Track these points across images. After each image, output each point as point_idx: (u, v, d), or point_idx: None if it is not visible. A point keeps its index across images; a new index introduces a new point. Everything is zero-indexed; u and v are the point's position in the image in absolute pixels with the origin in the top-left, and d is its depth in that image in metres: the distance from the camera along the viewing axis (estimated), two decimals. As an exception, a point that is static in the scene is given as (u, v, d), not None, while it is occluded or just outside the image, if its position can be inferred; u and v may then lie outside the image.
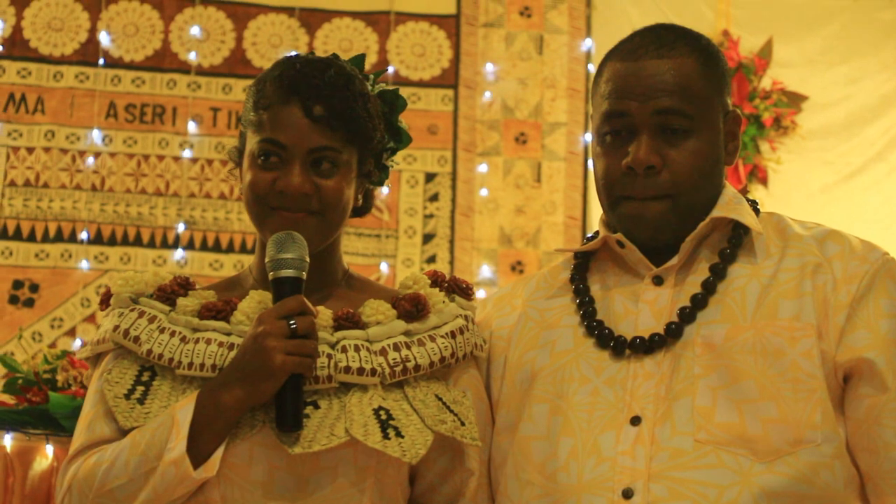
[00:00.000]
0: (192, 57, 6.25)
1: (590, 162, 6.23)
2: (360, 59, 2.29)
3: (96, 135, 6.11)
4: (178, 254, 6.07)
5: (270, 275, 2.07)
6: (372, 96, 2.22)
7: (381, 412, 2.04)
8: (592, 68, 6.30)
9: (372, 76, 2.28)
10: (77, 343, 5.84)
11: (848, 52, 6.48)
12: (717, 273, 2.13)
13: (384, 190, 6.06)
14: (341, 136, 2.13)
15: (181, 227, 6.08)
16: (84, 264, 6.01)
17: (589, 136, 6.17)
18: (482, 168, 6.26)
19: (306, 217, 2.12)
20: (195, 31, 6.26)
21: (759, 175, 6.36)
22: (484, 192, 6.26)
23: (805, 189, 6.34)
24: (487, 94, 6.33)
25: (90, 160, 6.10)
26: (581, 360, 2.15)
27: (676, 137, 2.12)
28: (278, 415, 2.01)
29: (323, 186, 2.12)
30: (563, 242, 6.13)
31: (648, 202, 2.12)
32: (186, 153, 6.16)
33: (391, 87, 2.30)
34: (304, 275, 2.07)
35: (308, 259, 2.08)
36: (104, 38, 6.21)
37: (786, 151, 6.41)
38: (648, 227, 2.13)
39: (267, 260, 2.07)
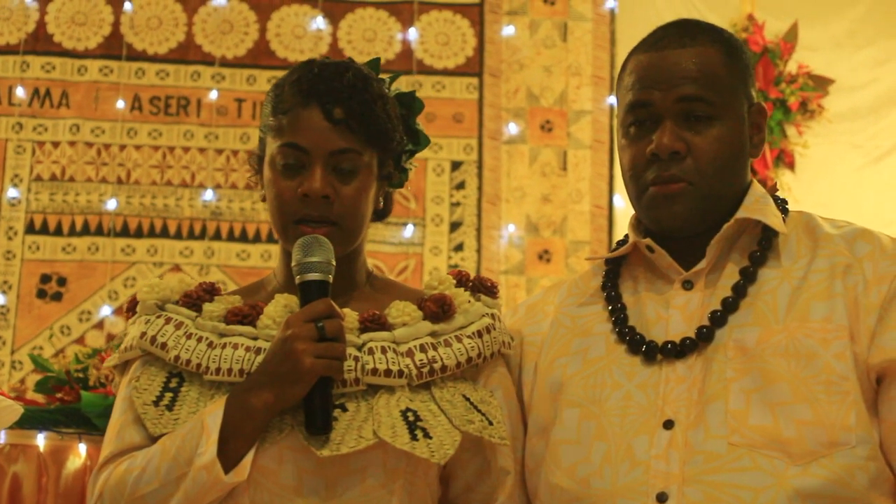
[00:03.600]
0: (215, 49, 6.25)
1: (615, 150, 6.21)
2: (375, 62, 2.30)
3: (121, 128, 6.13)
4: (205, 245, 6.08)
5: (297, 278, 2.07)
6: (390, 98, 2.23)
7: (409, 413, 2.05)
8: (617, 55, 6.27)
9: (388, 79, 2.28)
10: (108, 330, 5.86)
11: (874, 34, 6.43)
12: (748, 276, 2.12)
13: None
14: (362, 138, 2.14)
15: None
16: (111, 257, 6.02)
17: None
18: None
19: (328, 231, 2.11)
20: (218, 23, 6.26)
21: (785, 160, 6.33)
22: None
23: (833, 173, 6.31)
24: (512, 83, 6.31)
25: (115, 153, 6.11)
26: (613, 365, 2.14)
27: (700, 124, 2.12)
28: (307, 418, 2.01)
29: (342, 193, 2.13)
30: (589, 232, 6.11)
31: (673, 187, 2.11)
32: (212, 144, 6.16)
33: (408, 91, 2.32)
34: (331, 278, 2.07)
35: (334, 262, 2.08)
36: (128, 32, 6.23)
37: (813, 135, 6.38)
38: (674, 215, 2.13)
39: (293, 264, 2.07)
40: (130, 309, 2.26)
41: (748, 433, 1.99)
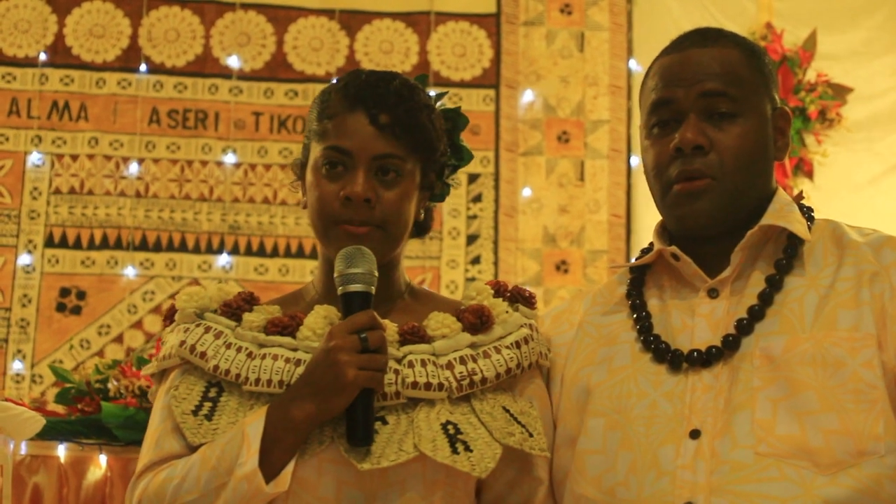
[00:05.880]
0: (233, 62, 6.27)
1: (633, 160, 6.21)
2: (423, 77, 2.31)
3: (139, 141, 6.15)
4: (223, 259, 6.09)
5: (339, 289, 2.06)
6: (436, 109, 2.24)
7: (449, 426, 2.04)
8: (634, 64, 6.27)
9: (434, 95, 2.30)
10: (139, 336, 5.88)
11: (892, 42, 6.43)
12: (774, 284, 2.11)
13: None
14: (406, 145, 2.14)
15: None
16: (130, 271, 6.05)
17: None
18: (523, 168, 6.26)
19: (370, 231, 2.12)
20: (236, 35, 6.28)
21: (804, 168, 6.32)
22: (527, 191, 6.24)
23: (852, 181, 6.30)
24: (529, 94, 6.31)
25: (134, 166, 6.13)
26: (639, 374, 2.13)
27: (723, 121, 2.13)
28: (349, 429, 2.01)
29: (384, 198, 2.13)
30: (607, 241, 6.11)
31: (697, 184, 2.11)
32: (229, 158, 6.18)
33: (452, 107, 2.33)
34: (373, 289, 2.07)
35: (377, 273, 2.08)
36: (145, 44, 6.25)
37: (831, 144, 6.37)
38: (698, 212, 2.12)
39: (336, 275, 2.07)
40: (169, 317, 2.26)
41: (775, 443, 1.98)
